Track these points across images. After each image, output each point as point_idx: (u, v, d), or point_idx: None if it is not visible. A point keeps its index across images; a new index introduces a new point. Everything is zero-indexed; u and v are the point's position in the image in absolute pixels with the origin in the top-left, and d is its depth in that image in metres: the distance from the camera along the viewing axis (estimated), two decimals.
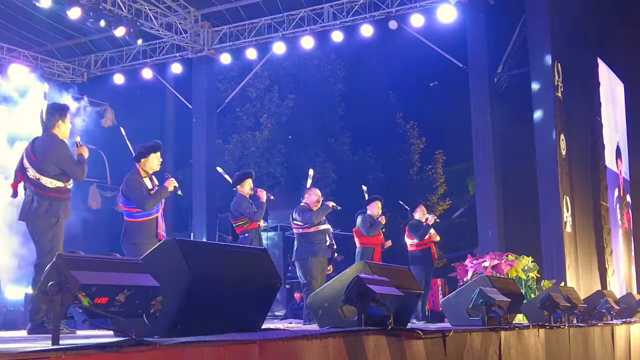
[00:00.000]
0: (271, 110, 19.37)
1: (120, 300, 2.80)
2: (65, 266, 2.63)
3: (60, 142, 6.11)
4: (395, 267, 5.56)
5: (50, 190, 6.04)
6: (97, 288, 2.69)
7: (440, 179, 20.88)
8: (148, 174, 6.83)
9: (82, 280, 2.63)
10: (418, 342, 4.42)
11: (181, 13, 14.26)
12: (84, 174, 6.15)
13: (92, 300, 2.66)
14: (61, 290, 2.59)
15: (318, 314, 4.85)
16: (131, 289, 2.85)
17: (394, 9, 13.15)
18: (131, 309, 2.91)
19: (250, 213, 8.32)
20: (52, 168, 6.02)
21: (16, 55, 14.51)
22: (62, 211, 6.06)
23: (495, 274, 10.12)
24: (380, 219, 10.11)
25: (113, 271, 2.88)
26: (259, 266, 4.17)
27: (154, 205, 6.58)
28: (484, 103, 12.58)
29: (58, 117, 6.15)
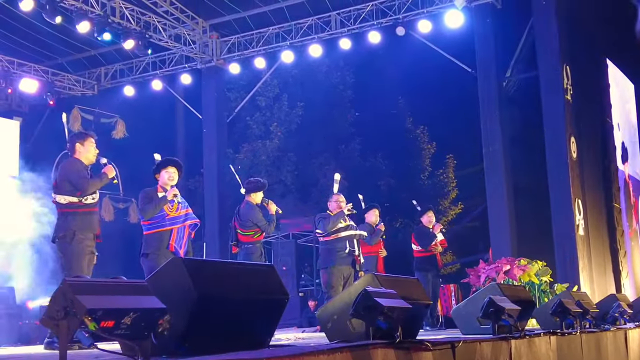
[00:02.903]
0: (281, 119, 19.40)
1: (126, 323, 2.83)
2: (71, 291, 2.67)
3: (71, 160, 6.32)
4: (404, 278, 5.56)
5: (63, 207, 6.22)
6: (103, 312, 2.73)
7: (452, 183, 20.82)
8: (164, 189, 6.94)
9: (88, 305, 2.66)
10: (427, 354, 4.42)
11: (189, 24, 14.35)
12: (92, 186, 6.23)
13: (98, 324, 2.70)
14: (67, 315, 2.63)
15: (327, 327, 4.86)
16: (137, 312, 2.88)
17: (401, 15, 13.19)
18: (137, 331, 2.94)
19: (264, 225, 8.29)
20: (65, 185, 6.21)
21: (27, 70, 14.64)
22: (78, 226, 6.14)
23: (508, 279, 10.11)
24: (379, 227, 10.08)
25: (119, 294, 2.91)
26: (265, 282, 4.19)
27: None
28: (493, 107, 12.59)
29: (76, 141, 6.43)
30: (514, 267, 10.26)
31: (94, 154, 6.48)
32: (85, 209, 6.20)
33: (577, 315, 7.32)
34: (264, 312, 4.07)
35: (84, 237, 6.17)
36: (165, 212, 6.84)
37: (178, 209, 6.94)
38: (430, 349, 4.38)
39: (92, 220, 6.27)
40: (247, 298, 3.95)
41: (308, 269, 16.90)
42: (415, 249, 10.50)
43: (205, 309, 3.57)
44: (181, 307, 3.48)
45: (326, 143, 19.93)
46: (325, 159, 19.50)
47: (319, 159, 19.61)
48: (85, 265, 6.16)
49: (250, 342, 3.93)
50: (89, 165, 6.47)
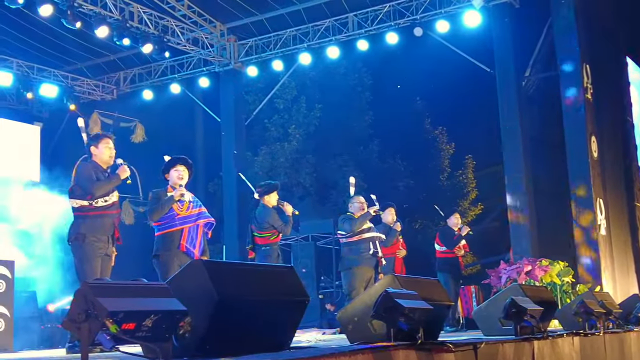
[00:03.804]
0: (299, 121, 19.40)
1: (147, 325, 2.83)
2: (92, 293, 2.67)
3: (85, 164, 6.32)
4: (425, 279, 5.53)
5: (75, 210, 6.26)
6: (124, 314, 2.73)
7: (472, 184, 20.71)
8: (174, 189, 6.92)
9: (109, 307, 2.67)
10: (449, 356, 4.39)
11: (207, 28, 14.39)
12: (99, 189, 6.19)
13: (120, 326, 2.70)
14: (89, 318, 2.63)
15: (348, 328, 4.84)
16: (158, 314, 2.88)
17: (419, 15, 13.15)
18: (158, 333, 2.94)
19: (281, 227, 8.28)
20: (77, 189, 6.25)
21: (47, 75, 14.74)
22: (89, 228, 6.14)
23: (529, 280, 10.04)
24: (395, 226, 10.01)
25: (139, 297, 2.91)
26: (285, 284, 4.18)
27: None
28: (512, 107, 12.52)
29: (91, 145, 6.43)
30: (536, 268, 10.20)
31: (109, 155, 6.43)
32: (96, 212, 6.19)
33: (600, 316, 7.25)
34: (284, 314, 4.07)
35: (96, 239, 6.16)
36: (175, 212, 6.79)
37: (189, 208, 6.89)
38: (452, 351, 4.35)
39: (104, 222, 6.24)
40: (268, 300, 3.95)
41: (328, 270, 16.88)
42: (438, 250, 10.46)
43: (226, 311, 3.56)
44: (202, 309, 3.48)
45: (344, 145, 19.89)
46: (343, 160, 19.47)
47: (338, 160, 19.58)
48: (97, 267, 6.15)
49: (271, 344, 3.93)
50: (107, 166, 6.43)
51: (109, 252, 6.30)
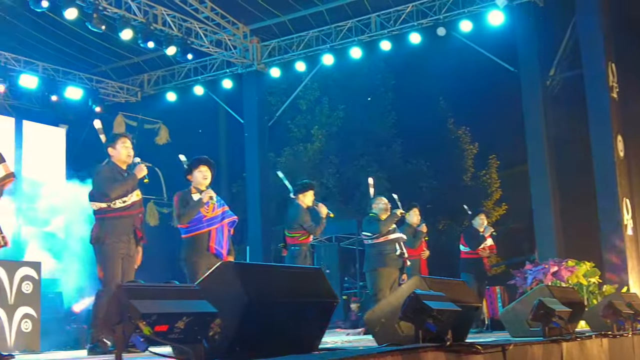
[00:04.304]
0: (322, 122, 19.44)
1: (179, 327, 2.85)
2: (126, 296, 2.70)
3: (103, 166, 6.30)
4: (452, 280, 5.51)
5: (95, 213, 6.25)
6: (157, 316, 2.75)
7: (495, 184, 20.63)
8: (198, 190, 6.83)
9: (143, 310, 2.69)
10: (477, 357, 4.37)
11: (230, 30, 14.44)
12: (114, 191, 6.15)
13: (153, 328, 2.72)
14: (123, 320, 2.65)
15: (375, 330, 4.84)
16: (190, 316, 2.90)
17: (442, 15, 13.11)
18: (190, 335, 2.96)
19: (310, 227, 8.23)
20: (95, 192, 6.24)
21: (72, 78, 14.87)
22: (108, 230, 6.12)
23: (555, 280, 9.97)
24: (421, 228, 9.93)
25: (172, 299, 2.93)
26: (314, 286, 4.18)
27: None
28: (536, 106, 12.45)
29: (108, 146, 6.40)
30: (562, 269, 10.14)
31: (127, 154, 6.38)
32: (114, 214, 6.17)
33: (629, 317, 7.18)
34: (313, 315, 4.07)
35: (116, 240, 6.13)
36: (202, 214, 6.71)
37: (214, 209, 6.81)
38: (480, 352, 4.33)
39: (123, 223, 6.20)
40: (297, 301, 3.95)
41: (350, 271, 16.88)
42: (463, 250, 10.42)
43: (256, 313, 3.57)
44: (231, 311, 3.49)
45: (367, 145, 19.91)
46: (366, 161, 19.48)
47: (361, 161, 19.60)
48: (118, 268, 6.13)
49: (300, 346, 3.94)
50: (127, 166, 6.39)
51: (131, 253, 6.26)
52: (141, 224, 6.40)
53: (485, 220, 10.61)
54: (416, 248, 9.80)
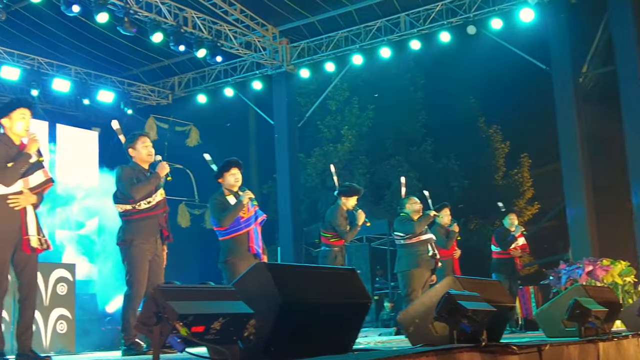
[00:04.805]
0: (351, 122, 19.42)
1: (215, 328, 2.86)
2: (163, 297, 2.71)
3: (123, 168, 6.21)
4: (486, 280, 5.47)
5: (121, 215, 6.19)
6: (194, 317, 2.76)
7: (527, 182, 20.46)
8: (232, 192, 6.85)
9: (179, 310, 2.71)
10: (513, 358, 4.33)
11: (259, 31, 14.49)
12: (138, 192, 6.05)
13: (189, 329, 2.74)
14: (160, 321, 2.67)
15: (409, 330, 4.81)
16: (226, 317, 2.91)
17: (472, 14, 13.02)
18: (226, 335, 2.97)
19: (342, 231, 8.21)
20: (119, 194, 6.18)
21: (103, 82, 15.02)
22: (134, 233, 6.05)
23: (590, 280, 9.86)
24: (453, 228, 9.86)
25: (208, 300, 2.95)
26: (348, 287, 4.17)
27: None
28: (569, 104, 12.32)
29: (128, 147, 6.32)
30: (597, 268, 10.02)
31: (148, 153, 6.26)
32: (140, 215, 6.09)
33: None
34: (347, 316, 4.06)
35: (144, 241, 6.06)
36: (239, 215, 6.72)
37: (249, 209, 6.83)
38: (516, 353, 4.29)
39: (150, 224, 6.12)
40: (331, 302, 3.94)
41: (381, 271, 16.84)
42: (494, 251, 10.35)
43: (290, 314, 3.57)
44: (266, 312, 3.49)
45: (398, 145, 19.85)
46: (397, 161, 19.43)
47: (391, 161, 19.55)
48: (145, 270, 6.07)
49: (334, 347, 3.93)
50: (148, 165, 6.28)
51: (158, 253, 6.20)
52: (166, 223, 6.31)
53: (516, 220, 10.52)
54: (449, 248, 9.73)
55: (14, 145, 5.18)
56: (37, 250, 5.16)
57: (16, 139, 5.22)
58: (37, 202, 5.22)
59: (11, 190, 5.06)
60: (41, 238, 5.20)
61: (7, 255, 5.06)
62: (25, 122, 5.22)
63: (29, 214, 5.13)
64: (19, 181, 5.09)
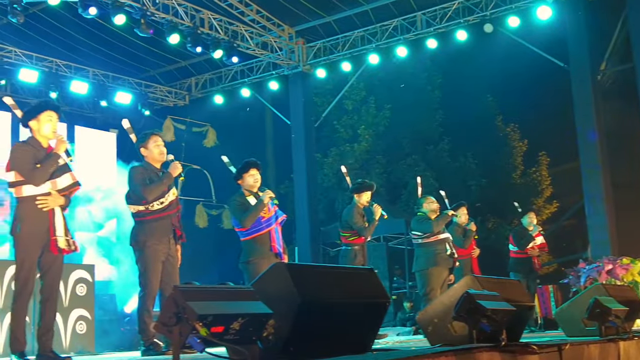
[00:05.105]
0: (368, 122, 19.40)
1: (235, 328, 2.87)
2: (183, 298, 2.72)
3: (135, 168, 6.20)
4: (505, 279, 5.45)
5: (135, 216, 6.19)
6: (213, 317, 2.77)
7: (546, 181, 20.35)
8: (252, 192, 6.85)
9: (199, 311, 2.72)
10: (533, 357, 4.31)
11: (276, 32, 14.51)
12: (151, 193, 6.03)
13: (209, 329, 2.74)
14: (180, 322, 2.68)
15: (428, 330, 4.80)
16: (245, 317, 2.92)
17: (489, 12, 12.95)
18: (246, 335, 2.98)
19: (360, 228, 8.20)
20: (132, 194, 6.18)
21: (121, 83, 15.10)
22: (148, 234, 6.04)
23: (610, 279, 9.79)
24: (470, 227, 9.81)
25: (227, 300, 2.95)
26: (366, 286, 4.17)
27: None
28: (587, 101, 12.23)
29: (140, 146, 6.31)
30: (616, 267, 9.95)
31: (159, 153, 6.24)
32: (153, 216, 6.09)
33: None
34: (366, 316, 4.06)
35: (156, 242, 6.06)
36: (260, 215, 6.73)
37: (269, 209, 6.84)
38: (536, 352, 4.26)
39: (163, 225, 6.12)
40: (350, 302, 3.94)
41: (399, 271, 16.81)
42: (512, 250, 10.31)
43: (309, 313, 3.57)
44: (285, 312, 3.50)
45: (414, 144, 19.80)
46: (414, 160, 19.39)
47: (408, 160, 19.52)
48: (159, 271, 6.07)
49: (353, 347, 3.93)
50: (161, 165, 6.27)
51: (172, 253, 6.19)
52: (179, 222, 6.30)
53: (535, 219, 10.47)
54: (466, 248, 9.70)
55: (41, 148, 5.26)
56: (64, 251, 5.22)
57: (44, 141, 5.29)
58: (64, 204, 5.27)
59: (40, 191, 5.13)
60: (69, 239, 5.25)
61: (35, 257, 5.12)
62: (53, 124, 5.30)
63: (57, 215, 5.19)
64: (47, 182, 5.16)
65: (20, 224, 5.10)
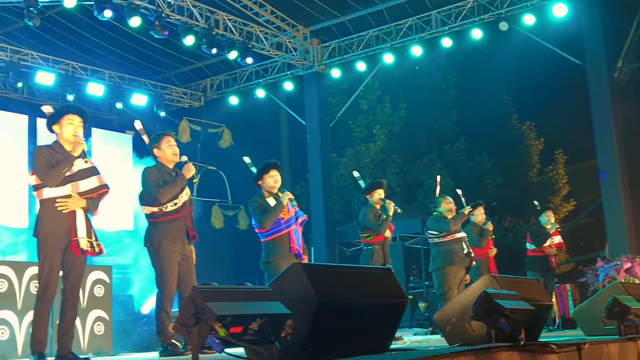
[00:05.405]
0: (383, 121, 19.39)
1: (253, 329, 2.88)
2: (201, 298, 2.73)
3: (148, 169, 6.18)
4: (523, 278, 5.43)
5: (148, 217, 6.17)
6: (232, 318, 2.78)
7: (563, 179, 20.26)
8: (271, 194, 6.87)
9: (218, 312, 2.72)
10: (552, 357, 4.28)
11: (290, 32, 14.53)
12: (164, 195, 6.02)
13: (228, 330, 2.75)
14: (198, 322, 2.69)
15: (446, 330, 4.79)
16: (264, 317, 2.92)
17: (504, 10, 12.90)
18: (264, 336, 2.98)
19: (374, 225, 8.22)
20: (145, 196, 6.16)
21: (137, 85, 15.16)
22: (162, 235, 6.03)
23: (629, 277, 9.73)
24: (487, 226, 9.78)
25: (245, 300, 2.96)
26: (384, 286, 4.16)
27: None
28: (604, 99, 12.16)
29: (153, 147, 6.30)
30: (635, 265, 9.88)
31: (172, 153, 6.22)
32: (167, 217, 6.07)
33: None
34: (383, 315, 4.05)
35: (171, 243, 6.05)
36: (280, 216, 6.75)
37: (289, 210, 6.85)
38: (555, 352, 4.24)
39: (177, 226, 6.10)
40: (367, 302, 3.94)
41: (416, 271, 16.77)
42: (529, 248, 10.27)
43: (327, 314, 3.57)
44: (303, 312, 3.49)
45: (430, 144, 19.78)
46: (429, 159, 19.36)
47: (424, 159, 19.49)
48: (175, 272, 6.06)
49: (372, 347, 3.92)
50: (174, 165, 6.24)
51: (187, 253, 6.19)
52: (192, 223, 6.29)
53: (552, 217, 10.42)
54: (482, 247, 9.67)
55: (64, 152, 5.27)
56: (87, 252, 5.23)
57: (67, 145, 5.32)
58: (87, 207, 5.28)
59: (59, 193, 5.17)
60: (93, 241, 5.27)
61: (55, 258, 5.14)
62: (73, 128, 5.31)
63: (79, 217, 5.21)
64: (68, 185, 5.19)
65: (41, 226, 5.15)
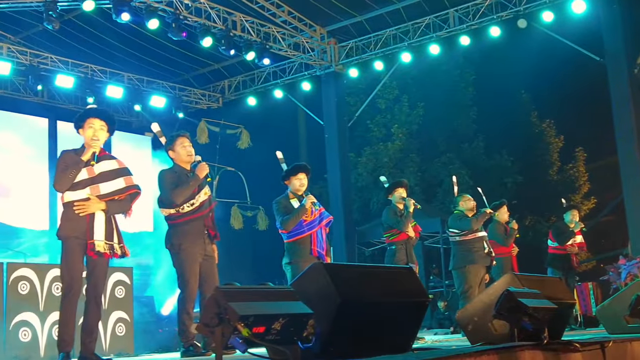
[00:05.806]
0: (401, 120, 19.34)
1: (276, 329, 2.88)
2: (224, 299, 2.73)
3: (164, 172, 6.23)
4: (546, 277, 5.40)
5: (167, 219, 6.19)
6: (255, 318, 2.78)
7: (583, 177, 20.12)
8: (296, 195, 6.93)
9: (240, 312, 2.73)
10: (576, 355, 4.26)
11: (307, 32, 14.53)
12: (179, 196, 6.03)
13: (251, 330, 2.75)
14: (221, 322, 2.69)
15: (468, 329, 4.77)
16: (286, 317, 2.93)
17: (522, 7, 12.81)
18: (287, 335, 2.99)
19: (394, 222, 8.23)
20: (163, 198, 6.17)
21: (155, 87, 15.22)
22: (181, 237, 6.05)
23: None
24: (512, 225, 9.73)
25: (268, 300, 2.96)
26: (405, 285, 4.15)
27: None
28: (625, 96, 12.06)
29: (168, 149, 6.35)
30: None
31: (187, 153, 6.24)
32: (184, 219, 6.08)
33: None
34: (405, 315, 4.04)
35: (191, 244, 6.07)
36: (302, 219, 6.80)
37: (312, 212, 6.88)
38: (579, 350, 4.22)
39: (196, 227, 6.11)
40: (389, 301, 3.93)
41: (436, 270, 16.72)
42: (550, 245, 10.22)
43: (348, 313, 3.57)
44: (324, 312, 3.50)
45: (449, 142, 19.71)
46: (448, 158, 19.28)
47: (442, 158, 19.42)
48: (196, 272, 6.08)
49: (394, 346, 3.91)
50: (190, 165, 6.25)
51: (209, 253, 6.20)
52: (213, 222, 6.29)
53: (577, 216, 10.38)
54: (508, 245, 9.64)
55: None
56: (106, 255, 5.23)
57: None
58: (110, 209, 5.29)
59: (77, 197, 5.19)
60: (114, 244, 5.28)
61: (76, 260, 5.17)
62: (93, 131, 5.34)
63: (97, 220, 5.21)
64: (87, 188, 5.21)
65: (62, 228, 5.19)
